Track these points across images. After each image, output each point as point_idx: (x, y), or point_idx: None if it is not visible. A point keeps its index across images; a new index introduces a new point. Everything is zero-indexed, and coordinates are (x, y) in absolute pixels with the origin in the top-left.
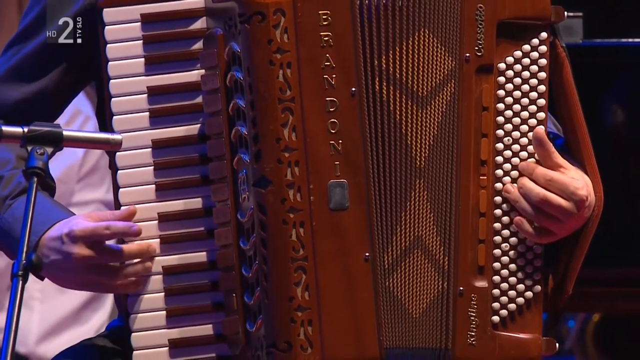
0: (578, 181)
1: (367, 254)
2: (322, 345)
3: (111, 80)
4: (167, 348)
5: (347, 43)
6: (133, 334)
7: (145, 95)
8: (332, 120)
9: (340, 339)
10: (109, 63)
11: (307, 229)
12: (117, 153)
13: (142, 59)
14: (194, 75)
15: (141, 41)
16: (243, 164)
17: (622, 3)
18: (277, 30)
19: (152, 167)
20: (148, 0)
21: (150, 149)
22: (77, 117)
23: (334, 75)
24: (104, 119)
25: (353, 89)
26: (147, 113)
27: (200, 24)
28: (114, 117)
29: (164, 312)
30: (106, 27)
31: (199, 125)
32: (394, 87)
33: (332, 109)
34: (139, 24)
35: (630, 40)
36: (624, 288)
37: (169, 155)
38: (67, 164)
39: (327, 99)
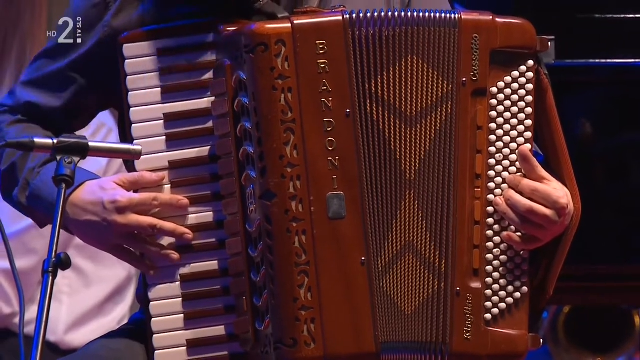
0: (559, 191)
1: (362, 258)
2: (324, 341)
3: (131, 109)
4: (185, 347)
5: (342, 69)
6: (154, 335)
7: (162, 121)
8: (330, 138)
9: (340, 334)
10: (129, 93)
11: (309, 236)
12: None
13: (159, 89)
14: (205, 102)
15: (157, 73)
16: (250, 180)
17: (589, 27)
18: (278, 59)
19: (170, 186)
20: (163, 36)
21: (167, 169)
22: (101, 129)
23: (330, 99)
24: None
25: (348, 110)
26: (164, 137)
27: (210, 56)
28: (134, 141)
29: (182, 315)
30: (126, 61)
31: (210, 147)
32: (383, 108)
33: (329, 129)
34: (155, 57)
35: (597, 60)
36: (591, 283)
37: (183, 175)
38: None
39: (325, 119)
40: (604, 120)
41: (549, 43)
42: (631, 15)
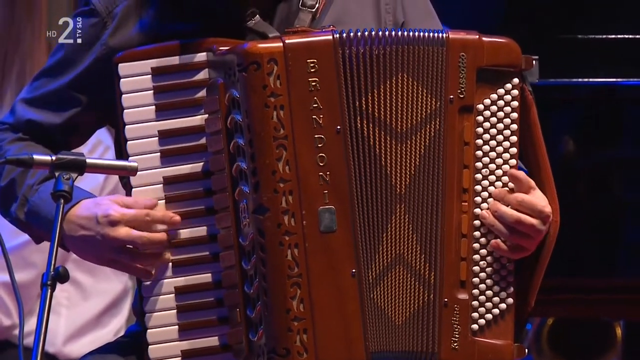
0: (543, 200)
1: (353, 270)
2: (316, 350)
3: (126, 126)
4: (179, 358)
5: (332, 87)
6: (150, 346)
7: (157, 138)
8: (321, 154)
9: (332, 344)
10: (125, 111)
11: (301, 249)
12: (133, 189)
13: (153, 107)
14: (198, 119)
15: (152, 91)
16: (244, 195)
17: (571, 48)
18: (270, 77)
19: (164, 201)
20: (157, 55)
21: (161, 185)
22: (98, 147)
23: (321, 116)
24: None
25: (338, 127)
26: (159, 154)
27: (203, 75)
28: (130, 158)
29: (177, 326)
30: (121, 80)
31: (203, 163)
32: (373, 124)
33: (320, 145)
34: (149, 76)
35: (579, 80)
36: (574, 296)
37: (178, 190)
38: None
39: (316, 136)
40: (586, 137)
41: (534, 62)
42: (612, 36)
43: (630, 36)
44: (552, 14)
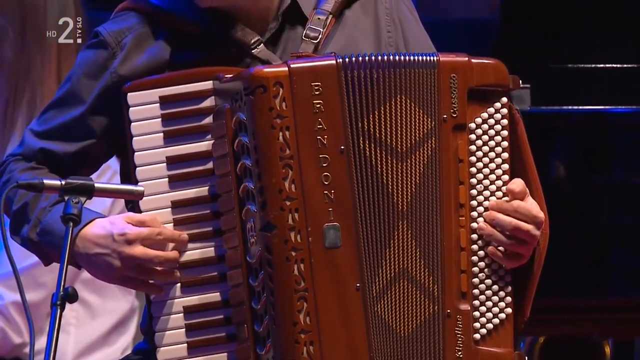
0: (536, 205)
1: (357, 284)
2: None
3: (136, 153)
4: None
5: (336, 109)
6: None
7: (165, 164)
8: (325, 173)
9: (337, 356)
10: (134, 138)
11: (307, 264)
12: (142, 213)
13: (161, 134)
14: (205, 145)
15: (160, 119)
16: (251, 214)
17: (563, 76)
18: (276, 100)
19: (172, 224)
20: (164, 84)
21: (170, 209)
22: (106, 172)
23: (325, 136)
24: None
25: (342, 147)
26: (167, 179)
27: (209, 102)
28: (139, 183)
29: (186, 344)
30: (130, 109)
31: (210, 186)
32: (374, 144)
33: (324, 164)
34: (157, 104)
35: (570, 107)
36: (564, 315)
37: (185, 213)
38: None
39: (321, 156)
40: (577, 162)
41: (520, 81)
42: (601, 65)
43: (618, 65)
44: (544, 46)
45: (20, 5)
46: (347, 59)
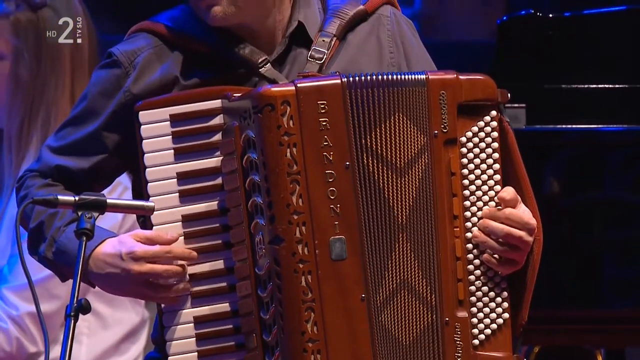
0: (528, 212)
1: (362, 295)
2: None
3: (147, 169)
4: None
5: (341, 126)
6: None
7: (175, 179)
8: (331, 188)
9: None
10: (145, 155)
11: (314, 276)
12: (154, 227)
13: (172, 151)
14: (214, 161)
15: (170, 136)
16: (259, 228)
17: (556, 96)
18: (284, 118)
19: (183, 237)
20: (175, 103)
21: (180, 222)
22: (117, 187)
23: (331, 153)
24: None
25: (347, 163)
26: (177, 194)
27: (218, 120)
28: (150, 198)
29: (196, 353)
30: (142, 127)
31: (219, 201)
32: (376, 160)
33: (330, 180)
34: (168, 122)
35: (564, 126)
36: (558, 326)
37: (195, 227)
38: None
39: (327, 171)
40: (572, 178)
41: (509, 94)
42: (593, 86)
43: (610, 86)
44: (539, 66)
45: (34, 27)
46: (351, 78)
